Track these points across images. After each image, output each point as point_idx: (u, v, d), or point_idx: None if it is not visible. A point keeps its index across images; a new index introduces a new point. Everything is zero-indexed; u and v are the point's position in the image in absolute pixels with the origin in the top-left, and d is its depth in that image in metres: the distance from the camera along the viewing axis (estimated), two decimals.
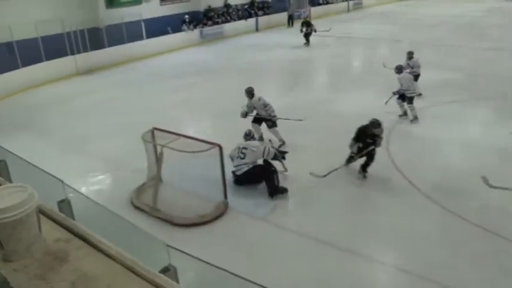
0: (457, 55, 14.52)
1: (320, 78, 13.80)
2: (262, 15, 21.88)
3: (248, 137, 6.34)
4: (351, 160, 6.40)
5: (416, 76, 9.29)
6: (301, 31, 17.19)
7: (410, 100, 8.39)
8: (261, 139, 7.30)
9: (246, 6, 21.60)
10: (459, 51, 15.15)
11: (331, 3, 26.97)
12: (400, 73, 8.47)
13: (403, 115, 8.64)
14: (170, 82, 12.42)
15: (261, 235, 5.20)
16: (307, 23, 17.31)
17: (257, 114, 7.39)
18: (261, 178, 5.99)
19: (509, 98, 9.63)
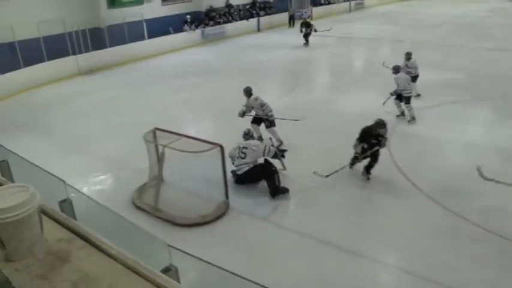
0: (459, 55, 14.47)
1: (321, 78, 13.79)
2: (263, 15, 21.89)
3: (247, 136, 6.34)
4: (355, 161, 6.36)
5: (415, 77, 9.28)
6: (300, 31, 17.22)
7: (407, 100, 8.39)
8: (260, 139, 7.29)
9: (248, 6, 21.61)
10: (461, 51, 15.10)
11: (332, 3, 26.97)
12: (397, 73, 8.48)
13: (401, 115, 8.63)
14: (172, 82, 12.43)
15: (262, 235, 5.20)
16: (306, 24, 17.33)
17: (256, 114, 7.40)
18: (262, 177, 6.00)
19: (509, 98, 9.61)
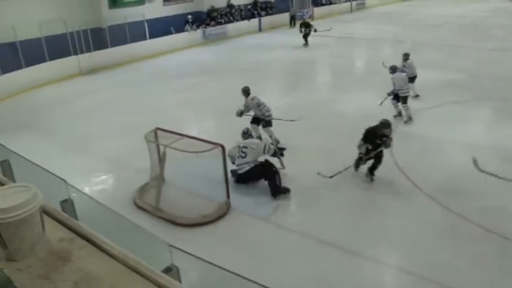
0: (460, 55, 14.46)
1: (322, 78, 13.79)
2: (265, 15, 21.89)
3: (246, 135, 6.36)
4: (360, 162, 6.32)
5: (412, 78, 9.28)
6: (300, 31, 17.22)
7: (404, 100, 8.39)
8: (260, 139, 7.29)
9: (249, 6, 21.60)
10: (462, 51, 15.09)
11: (334, 3, 26.93)
12: (394, 73, 8.48)
13: (398, 115, 8.62)
14: (173, 82, 12.44)
15: (263, 235, 5.20)
16: (306, 24, 17.33)
17: (254, 114, 7.41)
18: (263, 176, 6.01)
19: (509, 98, 9.59)
